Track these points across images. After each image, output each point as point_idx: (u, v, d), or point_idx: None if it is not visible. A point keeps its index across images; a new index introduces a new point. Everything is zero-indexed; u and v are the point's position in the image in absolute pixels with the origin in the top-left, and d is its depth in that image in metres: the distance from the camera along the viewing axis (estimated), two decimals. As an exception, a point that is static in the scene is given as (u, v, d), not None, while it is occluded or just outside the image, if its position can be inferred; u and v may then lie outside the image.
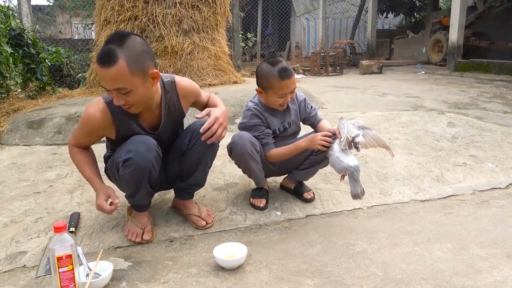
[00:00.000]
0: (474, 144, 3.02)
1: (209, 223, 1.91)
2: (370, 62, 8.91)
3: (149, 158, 1.59)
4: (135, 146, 1.58)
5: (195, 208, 1.93)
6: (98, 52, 1.48)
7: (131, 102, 1.52)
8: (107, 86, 1.49)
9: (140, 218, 1.81)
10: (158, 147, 1.65)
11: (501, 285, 1.41)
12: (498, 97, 4.82)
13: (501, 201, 2.21)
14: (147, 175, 1.64)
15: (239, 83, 4.68)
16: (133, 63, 1.46)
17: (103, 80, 1.48)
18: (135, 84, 1.49)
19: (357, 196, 1.80)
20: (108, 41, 1.47)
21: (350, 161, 1.77)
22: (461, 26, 7.74)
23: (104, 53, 1.44)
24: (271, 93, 1.90)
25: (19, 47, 4.36)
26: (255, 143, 1.90)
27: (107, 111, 1.60)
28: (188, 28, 4.25)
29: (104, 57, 1.44)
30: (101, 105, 1.61)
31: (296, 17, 14.02)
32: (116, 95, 1.50)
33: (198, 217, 1.90)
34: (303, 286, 1.44)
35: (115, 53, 1.43)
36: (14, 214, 1.98)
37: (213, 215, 1.97)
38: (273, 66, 1.87)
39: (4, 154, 2.86)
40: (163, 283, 1.49)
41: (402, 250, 1.68)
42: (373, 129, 1.89)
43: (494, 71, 7.15)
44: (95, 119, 1.60)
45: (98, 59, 1.45)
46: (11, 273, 1.58)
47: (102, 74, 1.46)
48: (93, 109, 1.61)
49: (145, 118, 1.69)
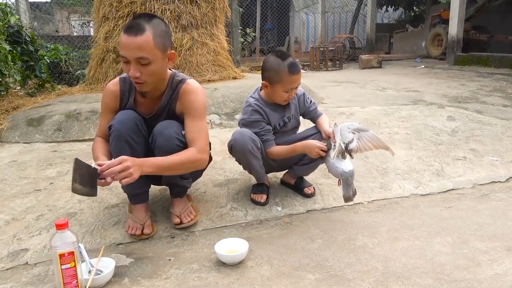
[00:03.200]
0: (474, 138, 3.02)
1: (184, 223, 1.84)
2: (370, 57, 8.89)
3: (127, 124, 1.65)
4: (118, 116, 1.69)
5: (178, 207, 1.88)
6: (126, 23, 1.58)
7: (146, 75, 1.58)
8: (129, 55, 1.53)
9: (138, 214, 1.81)
10: (141, 122, 1.71)
11: (502, 278, 1.42)
12: (498, 91, 4.82)
13: (501, 194, 2.22)
14: (128, 146, 1.64)
15: (239, 78, 4.67)
16: (157, 38, 1.55)
17: (127, 48, 1.53)
18: (156, 56, 1.57)
19: (348, 199, 1.83)
20: (137, 16, 1.58)
21: (345, 166, 1.78)
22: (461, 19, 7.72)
23: (133, 24, 1.54)
24: (279, 87, 1.90)
25: (18, 44, 4.34)
26: (256, 140, 1.90)
27: (117, 84, 1.76)
28: (187, 24, 4.24)
29: (134, 26, 1.53)
30: (116, 80, 1.78)
31: (295, 12, 13.97)
32: (134, 66, 1.55)
33: (175, 215, 1.86)
34: (304, 281, 1.45)
35: (143, 25, 1.53)
36: (15, 211, 1.98)
37: (192, 216, 1.88)
38: (283, 60, 1.87)
39: (4, 152, 2.86)
40: (165, 279, 1.49)
41: (402, 244, 1.69)
42: (369, 130, 1.87)
43: (494, 64, 7.14)
44: (109, 91, 1.77)
45: (127, 28, 1.53)
46: (13, 270, 1.58)
47: (128, 42, 1.52)
48: (109, 84, 1.79)
49: (142, 104, 1.76)
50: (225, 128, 3.32)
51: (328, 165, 1.85)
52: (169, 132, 1.67)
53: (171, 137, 1.66)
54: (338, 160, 1.79)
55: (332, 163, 1.81)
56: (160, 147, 1.66)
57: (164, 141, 1.66)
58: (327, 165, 1.87)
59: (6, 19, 4.13)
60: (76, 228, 1.84)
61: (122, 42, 1.55)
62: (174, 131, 1.68)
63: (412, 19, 13.90)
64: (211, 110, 3.51)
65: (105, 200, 2.08)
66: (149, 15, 1.60)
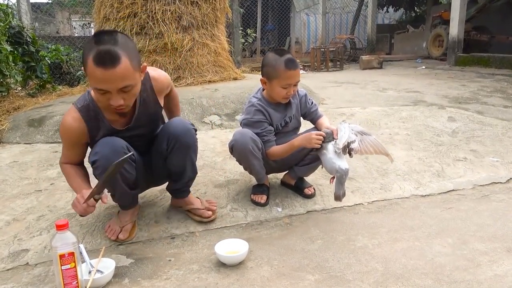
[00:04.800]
0: (475, 138, 3.02)
1: (214, 210, 1.94)
2: (371, 57, 8.89)
3: (114, 160, 1.45)
4: (100, 148, 1.55)
5: (197, 201, 1.94)
6: (94, 55, 1.37)
7: (128, 99, 1.49)
8: (112, 87, 1.41)
9: (122, 216, 1.81)
10: (127, 148, 1.59)
11: (501, 279, 1.42)
12: (499, 91, 4.82)
13: (501, 195, 2.22)
14: (119, 177, 1.61)
15: (239, 79, 4.68)
16: (133, 59, 1.44)
17: (107, 81, 1.39)
18: (137, 78, 1.48)
19: (338, 198, 1.84)
20: (98, 41, 1.39)
21: (342, 164, 1.79)
22: (462, 20, 7.72)
23: (104, 54, 1.36)
24: (276, 82, 1.90)
25: (19, 45, 4.36)
26: (257, 140, 1.91)
27: (80, 119, 1.58)
28: (187, 25, 4.25)
29: (107, 57, 1.36)
30: (75, 114, 1.58)
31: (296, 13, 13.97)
32: (117, 96, 1.44)
33: (202, 210, 1.91)
34: (304, 282, 1.45)
35: (115, 51, 1.38)
36: (16, 212, 1.99)
37: (215, 203, 2.00)
38: (280, 56, 1.89)
39: (5, 153, 2.87)
40: (165, 279, 1.50)
41: (402, 245, 1.69)
42: (372, 134, 1.88)
43: (495, 65, 7.13)
44: (73, 130, 1.58)
45: (100, 61, 1.36)
46: (14, 271, 1.59)
47: (107, 76, 1.38)
48: (69, 120, 1.58)
49: (116, 120, 1.64)
50: (226, 129, 3.32)
51: (325, 159, 1.84)
52: (187, 127, 1.74)
53: (189, 129, 1.73)
54: (335, 156, 1.80)
55: (330, 158, 1.81)
56: (184, 143, 1.72)
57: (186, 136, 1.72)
58: (322, 159, 1.86)
59: (8, 20, 4.14)
60: (77, 228, 1.84)
61: (99, 77, 1.38)
62: (186, 123, 1.76)
63: (413, 19, 13.90)
64: (212, 110, 3.51)
65: (106, 201, 2.09)
66: (109, 35, 1.42)
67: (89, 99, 1.60)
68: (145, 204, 2.05)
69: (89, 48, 1.39)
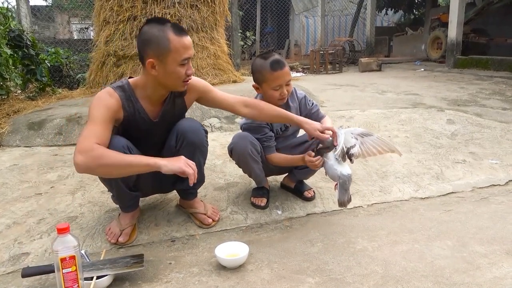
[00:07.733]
0: (474, 141, 3.03)
1: (215, 220, 1.94)
2: (369, 60, 8.91)
3: None
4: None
5: (201, 205, 1.95)
6: (172, 25, 1.59)
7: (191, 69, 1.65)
8: (189, 53, 1.59)
9: (123, 219, 1.81)
10: (128, 148, 1.60)
11: (501, 282, 1.42)
12: (497, 94, 4.83)
13: (500, 197, 2.23)
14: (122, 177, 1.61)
15: (239, 82, 4.69)
16: None
17: (187, 47, 1.58)
18: None
19: (343, 204, 1.83)
20: (162, 20, 1.60)
21: (343, 170, 1.78)
22: (460, 22, 7.73)
23: (178, 25, 1.62)
24: (266, 86, 1.90)
25: (19, 48, 4.37)
26: (256, 144, 1.91)
27: (117, 96, 1.62)
28: (187, 28, 4.26)
29: (181, 27, 1.61)
30: (111, 91, 1.62)
31: (295, 15, 14.03)
32: (189, 63, 1.63)
33: (204, 215, 1.92)
34: (304, 284, 1.45)
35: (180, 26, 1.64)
36: (16, 215, 1.99)
37: (218, 213, 1.99)
38: (265, 59, 1.88)
39: (5, 156, 2.87)
40: (165, 282, 1.50)
41: (402, 248, 1.69)
42: (374, 134, 1.86)
43: (493, 67, 7.15)
44: (110, 103, 1.58)
45: (178, 30, 1.58)
46: (14, 274, 1.59)
47: (187, 42, 1.59)
48: (104, 95, 1.60)
49: (149, 109, 1.70)
50: (225, 132, 3.33)
51: (327, 166, 1.84)
52: (196, 126, 1.78)
53: (198, 128, 1.77)
54: (337, 163, 1.80)
55: (331, 165, 1.80)
56: (191, 141, 1.73)
57: (195, 136, 1.75)
58: (325, 167, 1.86)
59: (8, 23, 4.15)
60: (77, 231, 1.85)
61: (187, 44, 1.59)
62: (197, 123, 1.80)
63: (411, 22, 13.95)
64: (211, 113, 3.52)
65: (106, 204, 2.09)
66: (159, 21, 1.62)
67: (125, 82, 1.66)
68: (145, 207, 2.06)
69: (160, 29, 1.56)
